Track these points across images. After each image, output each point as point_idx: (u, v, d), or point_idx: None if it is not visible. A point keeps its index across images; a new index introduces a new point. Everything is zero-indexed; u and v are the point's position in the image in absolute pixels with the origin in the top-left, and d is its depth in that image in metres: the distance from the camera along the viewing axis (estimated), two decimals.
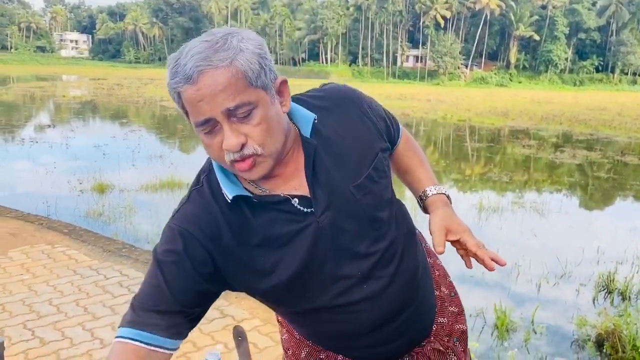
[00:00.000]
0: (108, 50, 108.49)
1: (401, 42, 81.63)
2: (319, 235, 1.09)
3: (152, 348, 1.01)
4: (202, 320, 3.42)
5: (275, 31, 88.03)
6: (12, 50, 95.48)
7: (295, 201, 1.09)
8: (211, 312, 3.70)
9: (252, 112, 0.98)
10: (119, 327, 1.04)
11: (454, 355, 1.32)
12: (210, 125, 0.99)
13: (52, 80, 43.74)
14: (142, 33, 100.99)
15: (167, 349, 1.04)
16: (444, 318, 1.35)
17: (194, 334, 3.37)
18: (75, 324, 3.44)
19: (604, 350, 3.93)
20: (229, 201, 1.07)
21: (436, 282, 1.39)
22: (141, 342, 1.01)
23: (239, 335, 0.96)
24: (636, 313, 4.51)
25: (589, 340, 4.10)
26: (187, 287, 1.05)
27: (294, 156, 1.12)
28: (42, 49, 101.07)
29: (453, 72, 72.54)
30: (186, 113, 1.02)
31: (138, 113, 21.35)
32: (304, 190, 1.10)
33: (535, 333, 4.26)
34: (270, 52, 1.05)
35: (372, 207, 1.15)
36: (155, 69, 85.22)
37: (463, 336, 1.38)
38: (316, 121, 1.12)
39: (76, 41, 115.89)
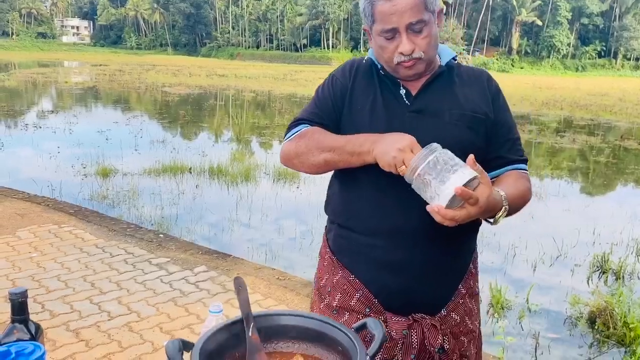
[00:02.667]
0: (109, 36, 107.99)
1: None
2: (399, 125, 1.37)
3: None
4: (206, 294, 3.52)
5: (277, 16, 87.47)
6: (14, 36, 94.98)
7: (403, 91, 1.43)
8: (214, 287, 3.83)
9: (423, 28, 1.34)
10: (293, 126, 1.48)
11: (447, 343, 1.40)
12: (392, 33, 1.35)
13: (54, 66, 43.62)
14: (143, 19, 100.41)
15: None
16: (457, 315, 1.45)
17: (197, 307, 3.51)
18: (83, 298, 3.57)
19: (596, 327, 4.04)
20: (364, 61, 1.49)
21: (468, 287, 1.50)
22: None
23: (239, 285, 1.06)
24: (628, 292, 4.61)
25: (582, 317, 4.21)
26: (327, 99, 1.49)
27: (426, 74, 1.43)
28: (43, 35, 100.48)
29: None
30: (371, 22, 1.37)
31: (140, 99, 21.39)
32: (414, 90, 1.43)
33: (530, 311, 4.37)
34: (272, 38, 1.20)
35: (452, 139, 1.33)
36: (156, 54, 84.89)
37: (465, 356, 1.47)
38: (455, 60, 1.48)
39: (77, 27, 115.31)
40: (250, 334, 1.01)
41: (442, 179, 1.14)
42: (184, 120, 15.30)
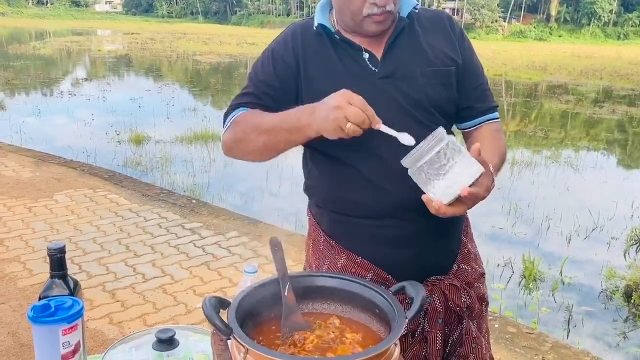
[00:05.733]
0: (141, 4, 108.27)
1: None
2: (371, 94, 1.22)
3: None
4: (238, 259, 3.53)
5: None
6: (49, 5, 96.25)
7: (366, 55, 1.29)
8: (246, 252, 3.89)
9: None
10: (230, 111, 1.34)
11: (469, 298, 1.36)
12: None
13: (87, 34, 44.02)
14: None
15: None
16: (467, 266, 1.41)
17: (230, 271, 3.55)
18: (118, 260, 3.66)
19: (632, 301, 3.96)
20: (315, 28, 1.31)
21: (467, 233, 1.46)
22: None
23: (275, 245, 1.05)
24: None
25: (617, 291, 4.13)
26: (268, 80, 1.33)
27: (388, 29, 1.31)
28: (76, 4, 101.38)
29: (490, 25, 70.05)
30: None
31: (171, 67, 21.50)
32: (378, 54, 1.30)
33: (563, 283, 4.30)
34: (302, 5, 1.13)
35: (427, 99, 1.28)
36: (187, 23, 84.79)
37: (483, 299, 1.44)
38: (416, 10, 1.34)
39: None
40: (286, 293, 1.00)
41: (447, 174, 1.06)
42: (215, 89, 15.34)
